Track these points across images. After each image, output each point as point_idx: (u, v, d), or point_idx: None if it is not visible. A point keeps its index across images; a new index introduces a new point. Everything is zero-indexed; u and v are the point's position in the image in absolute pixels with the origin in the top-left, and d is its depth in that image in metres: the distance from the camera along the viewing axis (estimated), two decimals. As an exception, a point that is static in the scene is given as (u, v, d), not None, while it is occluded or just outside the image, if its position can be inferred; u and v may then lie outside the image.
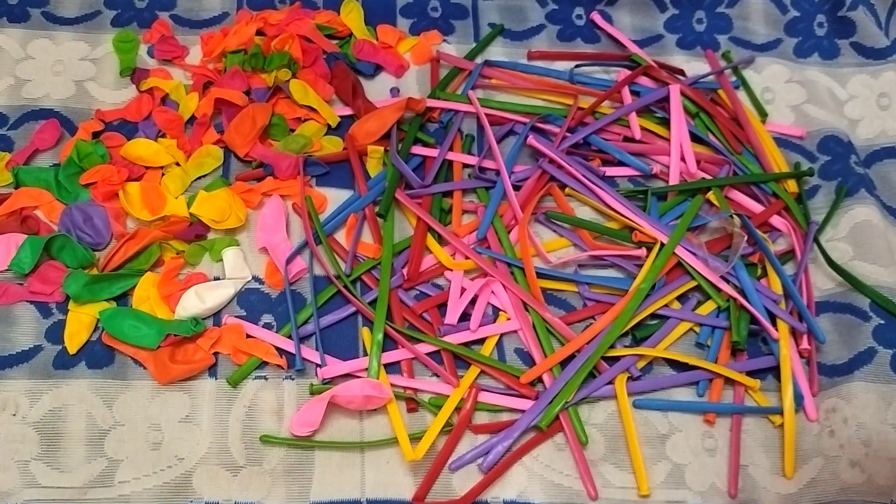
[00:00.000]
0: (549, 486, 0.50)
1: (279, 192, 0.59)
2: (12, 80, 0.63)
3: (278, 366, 0.52)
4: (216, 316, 0.54)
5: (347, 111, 0.64)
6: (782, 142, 0.66)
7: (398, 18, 0.71)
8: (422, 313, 0.55)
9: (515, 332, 0.55)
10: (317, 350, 0.53)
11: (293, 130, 0.62)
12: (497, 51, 0.70)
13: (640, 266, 0.57)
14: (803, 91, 0.69)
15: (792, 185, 0.63)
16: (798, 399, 0.53)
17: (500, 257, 0.57)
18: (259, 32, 0.66)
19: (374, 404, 0.51)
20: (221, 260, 0.56)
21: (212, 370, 0.52)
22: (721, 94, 0.68)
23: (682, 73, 0.69)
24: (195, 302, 0.53)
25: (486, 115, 0.63)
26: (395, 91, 0.67)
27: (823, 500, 0.50)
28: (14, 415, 0.50)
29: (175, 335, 0.51)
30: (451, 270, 0.56)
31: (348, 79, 0.64)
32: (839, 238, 0.60)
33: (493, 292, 0.56)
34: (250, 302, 0.55)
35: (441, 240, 0.58)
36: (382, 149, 0.61)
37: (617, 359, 0.53)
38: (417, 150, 0.62)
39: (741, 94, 0.69)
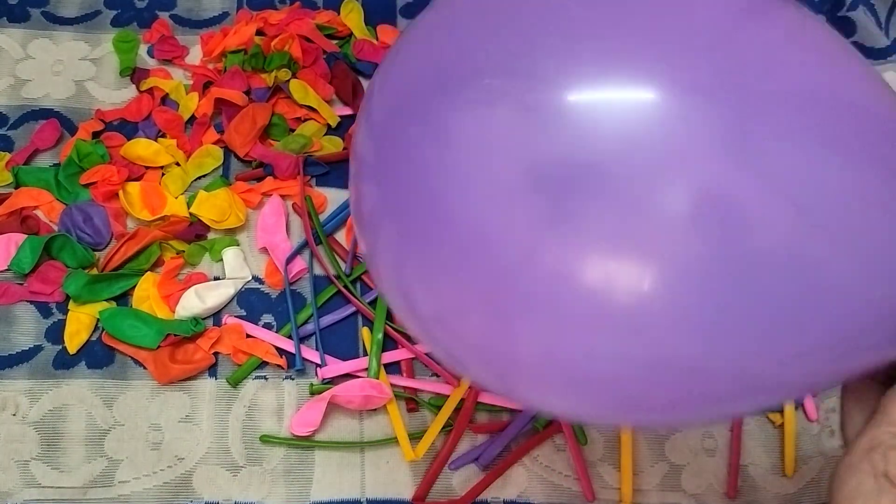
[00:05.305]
0: (548, 486, 0.50)
1: (279, 192, 0.59)
2: (12, 80, 0.63)
3: (278, 366, 0.52)
4: (216, 316, 0.54)
5: (347, 111, 0.64)
6: (782, 142, 0.66)
7: (398, 18, 0.71)
8: (422, 313, 0.55)
9: (515, 332, 0.55)
10: (317, 350, 0.53)
11: (293, 130, 0.62)
12: (497, 51, 0.70)
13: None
14: (803, 91, 0.69)
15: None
16: (798, 399, 0.53)
17: (500, 257, 0.56)
18: (259, 32, 0.66)
19: (374, 404, 0.51)
20: (221, 260, 0.56)
21: (212, 370, 0.52)
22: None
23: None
24: (195, 302, 0.53)
25: (486, 115, 0.63)
26: (395, 91, 0.66)
27: (823, 500, 0.50)
28: (14, 415, 0.50)
29: (175, 335, 0.51)
30: (451, 270, 0.56)
31: (348, 79, 0.64)
32: (839, 238, 0.60)
33: (493, 292, 0.56)
34: (250, 302, 0.55)
35: (441, 240, 0.58)
36: (382, 149, 0.61)
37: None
38: (417, 150, 0.62)
39: (741, 94, 0.68)
